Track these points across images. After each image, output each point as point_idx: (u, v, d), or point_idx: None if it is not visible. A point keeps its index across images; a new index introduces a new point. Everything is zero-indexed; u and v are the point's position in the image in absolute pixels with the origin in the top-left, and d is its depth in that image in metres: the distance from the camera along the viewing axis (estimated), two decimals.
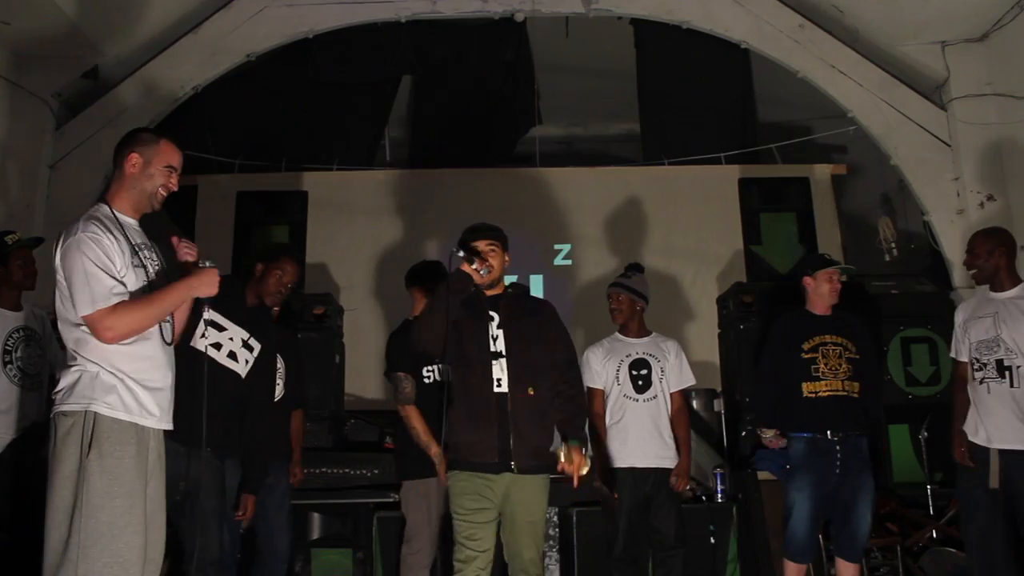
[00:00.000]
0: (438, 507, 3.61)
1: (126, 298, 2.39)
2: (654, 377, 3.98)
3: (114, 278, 2.38)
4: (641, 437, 3.88)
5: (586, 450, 3.14)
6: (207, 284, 2.53)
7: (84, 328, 2.37)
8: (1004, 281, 3.53)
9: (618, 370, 3.98)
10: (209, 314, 2.88)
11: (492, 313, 3.20)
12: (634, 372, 3.98)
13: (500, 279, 3.26)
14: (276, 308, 3.66)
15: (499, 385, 3.09)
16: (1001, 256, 3.53)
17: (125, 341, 2.39)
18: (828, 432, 3.62)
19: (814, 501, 3.62)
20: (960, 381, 3.64)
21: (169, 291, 2.47)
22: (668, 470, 3.90)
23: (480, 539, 3.03)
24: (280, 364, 3.73)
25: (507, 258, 3.25)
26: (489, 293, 3.24)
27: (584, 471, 3.08)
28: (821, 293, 3.81)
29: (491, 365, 3.10)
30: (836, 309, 3.85)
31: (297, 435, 3.99)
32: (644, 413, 3.92)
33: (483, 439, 3.04)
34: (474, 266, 3.11)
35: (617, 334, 4.13)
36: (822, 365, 3.69)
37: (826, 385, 3.67)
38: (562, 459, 3.06)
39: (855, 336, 3.77)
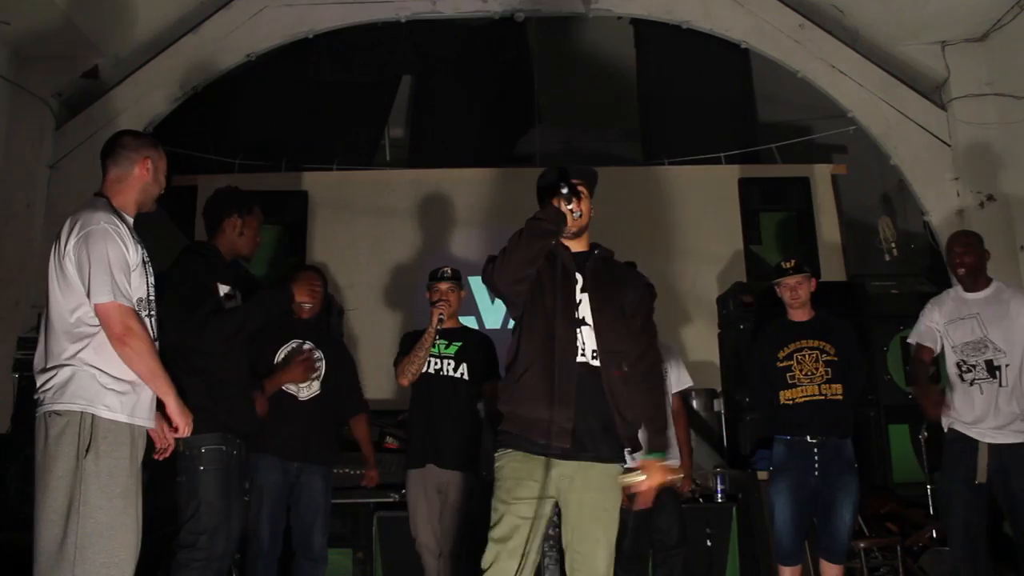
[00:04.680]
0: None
1: (132, 299, 2.41)
2: None
3: (129, 278, 2.40)
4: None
5: (666, 458, 2.63)
6: (183, 416, 2.54)
7: (87, 323, 2.36)
8: (981, 281, 3.62)
9: None
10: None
11: (577, 274, 2.64)
12: None
13: (583, 232, 2.71)
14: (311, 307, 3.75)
15: (583, 354, 2.54)
16: (985, 256, 3.66)
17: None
18: (807, 436, 3.65)
19: (794, 503, 3.64)
20: (921, 364, 3.68)
21: (165, 384, 2.48)
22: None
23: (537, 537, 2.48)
24: (321, 363, 3.75)
25: (591, 211, 2.71)
26: (573, 249, 2.70)
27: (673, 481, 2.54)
28: (786, 302, 3.86)
29: (576, 331, 2.55)
30: (819, 312, 3.86)
31: (365, 439, 4.04)
32: None
33: (557, 418, 2.46)
34: (570, 206, 2.57)
35: None
36: (797, 371, 3.72)
37: (802, 391, 3.69)
38: (632, 478, 2.54)
39: (835, 339, 3.76)
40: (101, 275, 2.33)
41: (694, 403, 5.24)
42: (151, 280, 2.57)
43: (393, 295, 6.03)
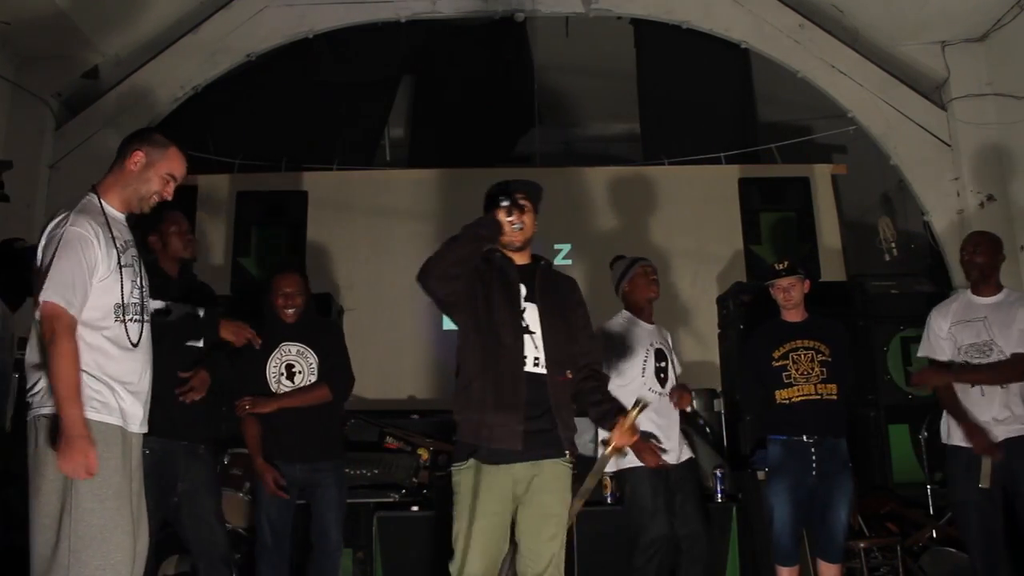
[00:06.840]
0: None
1: (79, 311, 2.30)
2: (669, 370, 3.94)
3: (85, 290, 2.31)
4: (667, 436, 3.77)
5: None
6: (77, 452, 2.19)
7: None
8: (992, 286, 3.57)
9: (644, 360, 3.85)
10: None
11: (520, 284, 2.81)
12: (658, 364, 3.88)
13: (527, 245, 2.88)
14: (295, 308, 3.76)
15: (536, 365, 2.72)
16: (1000, 260, 3.60)
17: (111, 342, 2.36)
18: (804, 435, 3.64)
19: (793, 504, 3.62)
20: (948, 390, 3.59)
21: (70, 400, 2.22)
22: (688, 461, 3.88)
23: (500, 547, 2.69)
24: (312, 359, 3.75)
25: (535, 224, 2.86)
26: (517, 261, 2.87)
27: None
28: (779, 303, 3.84)
29: (523, 340, 2.72)
30: (812, 314, 3.85)
31: (306, 396, 3.70)
32: (665, 409, 3.83)
33: (508, 423, 2.63)
34: (510, 218, 2.71)
35: (633, 317, 3.98)
36: (793, 371, 3.71)
37: (799, 390, 3.67)
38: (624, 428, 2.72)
39: (829, 339, 3.75)
40: (53, 275, 2.26)
41: (694, 403, 5.23)
42: (138, 282, 2.48)
43: (393, 295, 6.02)
